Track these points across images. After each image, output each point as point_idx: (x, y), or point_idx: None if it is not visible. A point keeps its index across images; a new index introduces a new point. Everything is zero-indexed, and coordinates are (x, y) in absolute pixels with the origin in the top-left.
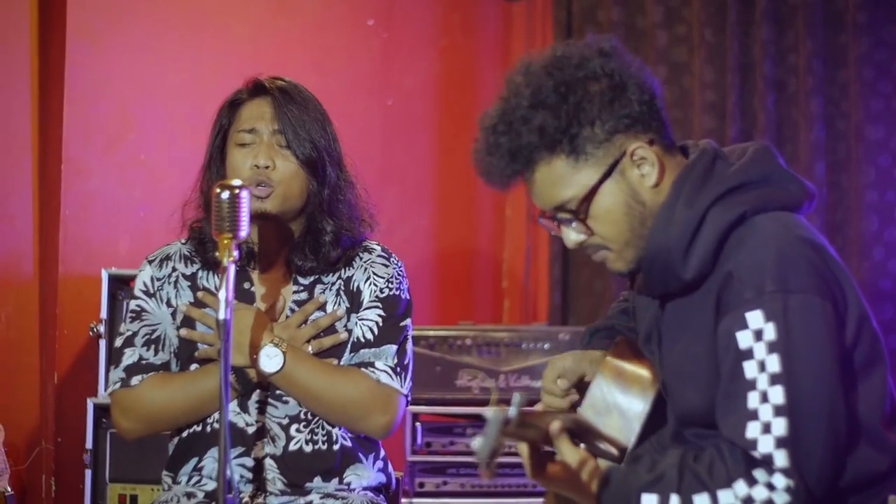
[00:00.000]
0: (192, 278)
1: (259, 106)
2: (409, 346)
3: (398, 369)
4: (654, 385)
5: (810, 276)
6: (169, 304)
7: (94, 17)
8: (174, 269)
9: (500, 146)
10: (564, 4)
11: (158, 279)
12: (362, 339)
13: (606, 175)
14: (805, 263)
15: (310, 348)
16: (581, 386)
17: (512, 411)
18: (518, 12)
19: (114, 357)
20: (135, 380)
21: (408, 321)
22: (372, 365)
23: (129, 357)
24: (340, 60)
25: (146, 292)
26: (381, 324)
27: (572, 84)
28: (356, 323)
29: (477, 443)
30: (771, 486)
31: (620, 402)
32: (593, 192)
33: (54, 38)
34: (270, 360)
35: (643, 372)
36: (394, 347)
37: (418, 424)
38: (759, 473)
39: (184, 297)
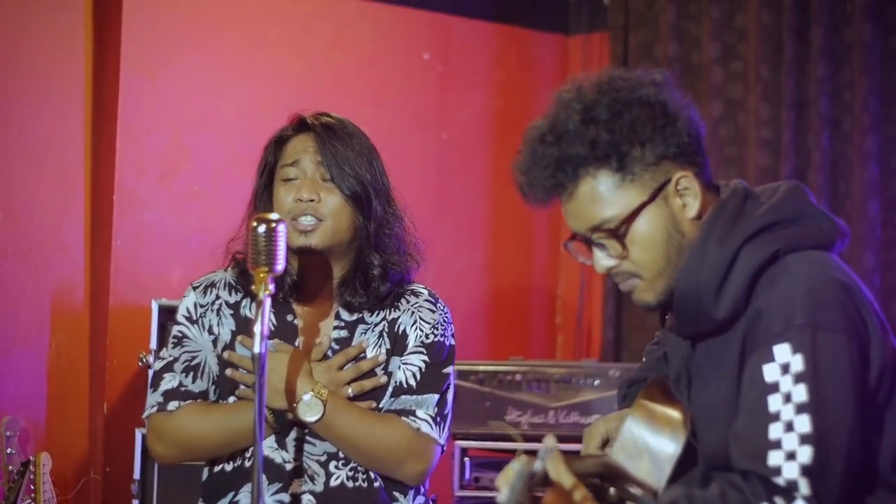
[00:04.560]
0: (235, 307)
1: (302, 141)
2: (451, 395)
3: (438, 419)
4: (686, 427)
5: (839, 316)
6: (211, 332)
7: (149, 50)
8: (218, 297)
9: (548, 156)
10: (621, 39)
11: (202, 306)
12: (405, 385)
13: (651, 199)
14: (834, 303)
15: (349, 390)
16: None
17: (538, 465)
18: (575, 47)
19: (152, 381)
20: (172, 405)
21: (450, 368)
22: (413, 413)
23: (168, 382)
24: (396, 94)
25: (189, 318)
26: (423, 370)
27: (627, 104)
28: (399, 367)
29: (502, 496)
30: None
31: (651, 445)
32: (636, 213)
33: (108, 71)
34: (310, 408)
35: (674, 414)
36: (435, 397)
37: (467, 459)
38: (780, 500)
39: (226, 325)
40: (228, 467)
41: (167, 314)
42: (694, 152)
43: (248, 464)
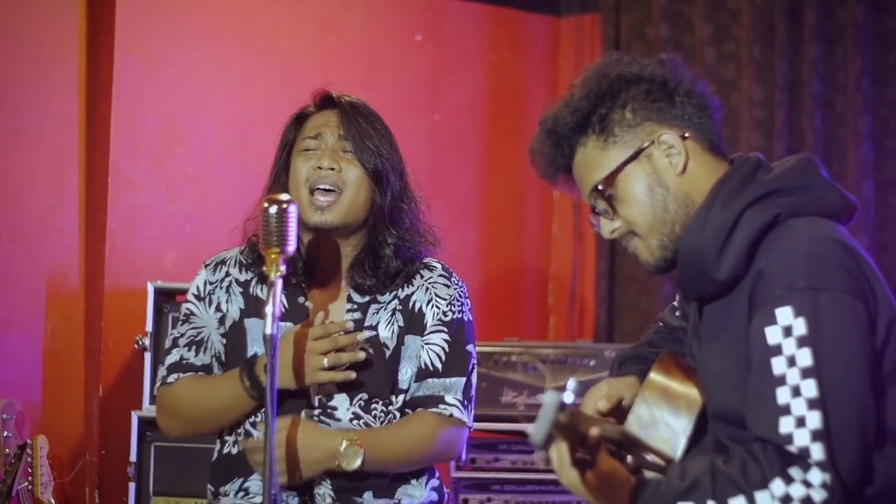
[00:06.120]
0: (245, 285)
1: (325, 116)
2: (475, 375)
3: (465, 402)
4: (700, 399)
5: (841, 275)
6: (218, 309)
7: (143, 33)
8: (228, 274)
9: (545, 132)
10: (613, 21)
11: (211, 283)
12: (430, 367)
13: (633, 157)
14: (836, 263)
15: (325, 361)
16: (619, 412)
17: (567, 395)
18: (566, 29)
19: (162, 359)
20: (172, 377)
21: (472, 347)
22: (442, 400)
23: (172, 357)
24: (388, 76)
25: (197, 296)
26: (447, 350)
27: (616, 76)
28: (422, 347)
29: (533, 427)
30: (808, 483)
31: (667, 416)
32: (617, 171)
33: (103, 53)
34: (351, 457)
35: (688, 387)
36: (462, 380)
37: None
38: (794, 471)
39: (235, 302)
40: (235, 451)
41: (163, 296)
42: (688, 118)
43: None
